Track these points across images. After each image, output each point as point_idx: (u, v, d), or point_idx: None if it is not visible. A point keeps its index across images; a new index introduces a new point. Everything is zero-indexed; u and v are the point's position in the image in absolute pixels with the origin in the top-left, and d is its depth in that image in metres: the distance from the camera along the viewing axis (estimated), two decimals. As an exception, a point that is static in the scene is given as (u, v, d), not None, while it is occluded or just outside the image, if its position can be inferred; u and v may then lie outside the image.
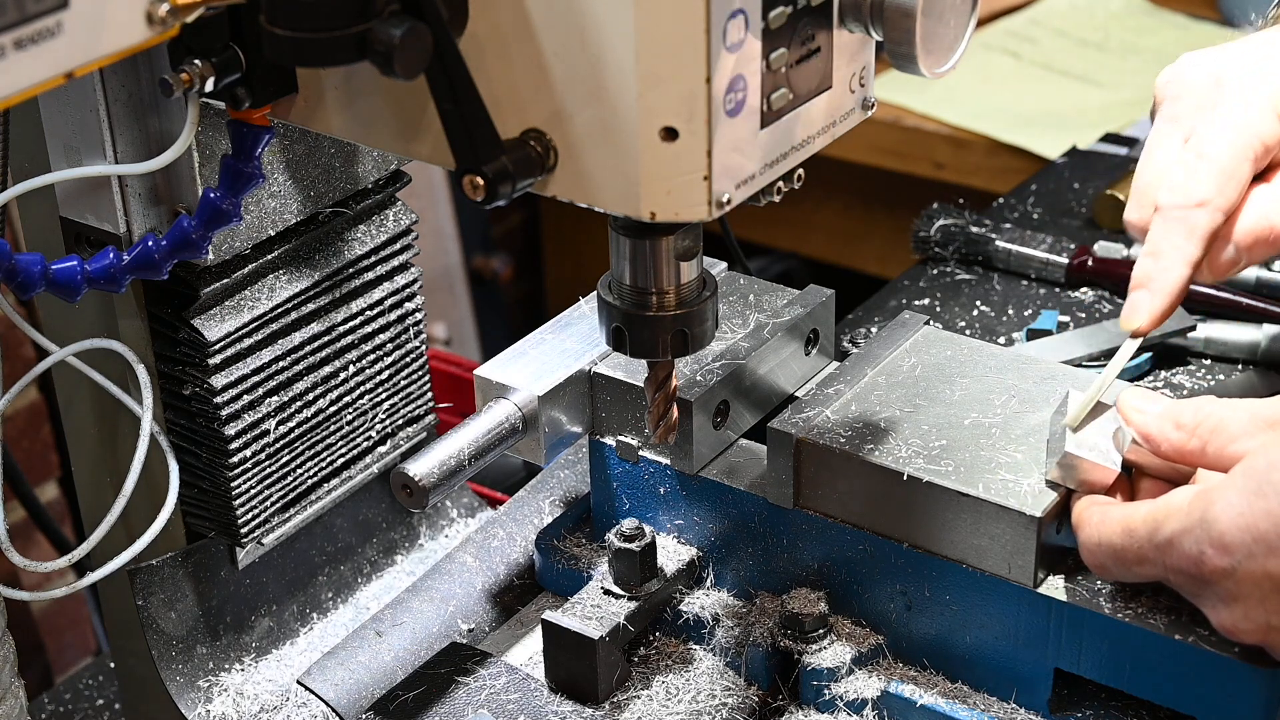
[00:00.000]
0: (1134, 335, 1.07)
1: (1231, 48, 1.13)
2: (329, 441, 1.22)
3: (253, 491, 1.17)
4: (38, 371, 1.10)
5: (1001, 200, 1.80)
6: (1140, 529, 0.98)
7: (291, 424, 1.19)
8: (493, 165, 0.91)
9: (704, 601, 1.17)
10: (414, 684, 1.14)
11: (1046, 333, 1.47)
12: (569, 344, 1.19)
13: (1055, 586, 1.05)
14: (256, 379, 1.15)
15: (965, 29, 0.98)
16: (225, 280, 1.12)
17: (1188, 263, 1.06)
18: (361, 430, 1.24)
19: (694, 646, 1.16)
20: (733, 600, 1.17)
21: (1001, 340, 1.52)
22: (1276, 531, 0.92)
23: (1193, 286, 1.46)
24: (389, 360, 1.25)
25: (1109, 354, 1.18)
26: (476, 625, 1.23)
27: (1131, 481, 1.05)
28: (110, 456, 1.17)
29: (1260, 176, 1.09)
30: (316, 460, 1.22)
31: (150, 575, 1.17)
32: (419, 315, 1.26)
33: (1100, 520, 1.01)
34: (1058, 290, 1.59)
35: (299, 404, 1.19)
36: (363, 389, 1.23)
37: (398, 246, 1.23)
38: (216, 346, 1.12)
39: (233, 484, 1.16)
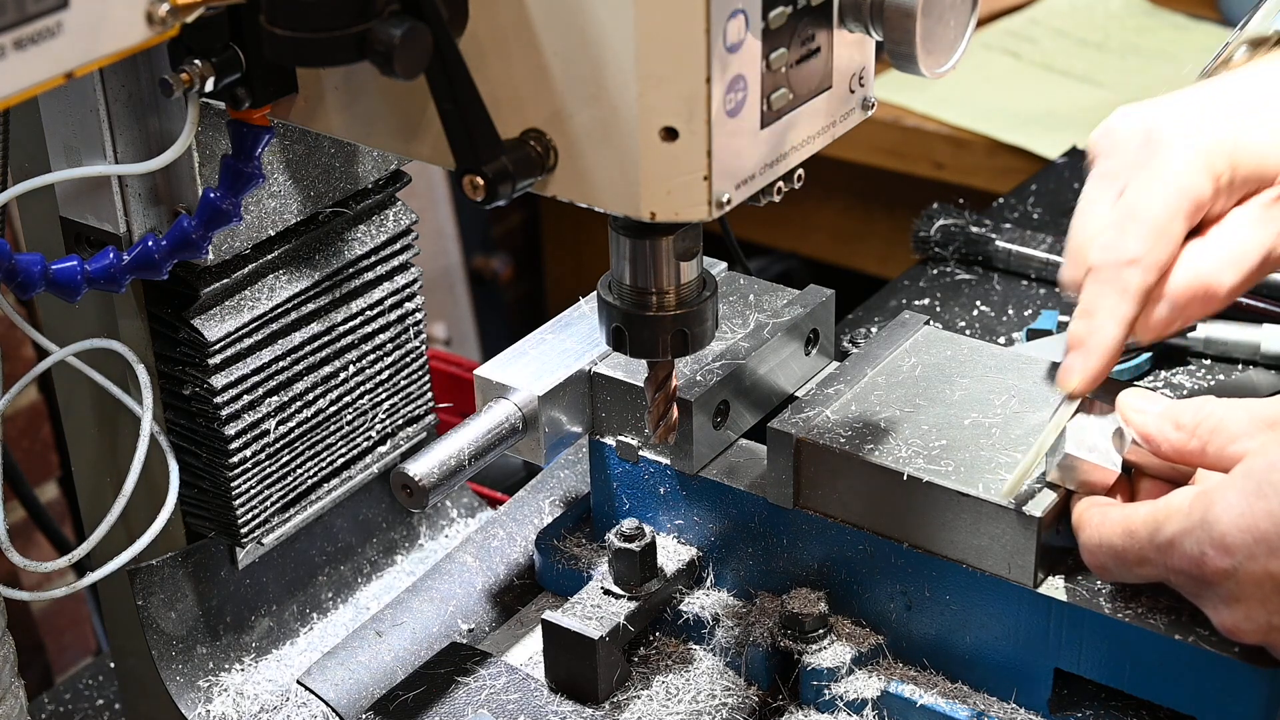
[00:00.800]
0: (1070, 397, 1.06)
1: (1166, 101, 1.11)
2: (329, 441, 1.22)
3: (253, 491, 1.17)
4: (38, 371, 1.10)
5: (1001, 200, 1.80)
6: (1140, 530, 0.98)
7: (291, 424, 1.19)
8: (493, 165, 0.91)
9: (704, 601, 1.17)
10: (414, 684, 1.14)
11: (1046, 333, 1.47)
12: (569, 344, 1.19)
13: (1055, 586, 1.05)
14: (256, 379, 1.15)
15: (965, 29, 0.98)
16: (225, 280, 1.12)
17: (1121, 322, 1.05)
18: (361, 430, 1.24)
19: (694, 646, 1.16)
20: (733, 600, 1.17)
21: (1001, 340, 1.52)
22: (1277, 531, 0.92)
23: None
24: (389, 360, 1.25)
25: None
26: (476, 625, 1.23)
27: (1131, 482, 1.05)
28: (110, 456, 1.17)
29: (1195, 232, 1.08)
30: (316, 460, 1.22)
31: (150, 575, 1.17)
32: (419, 315, 1.26)
33: (1100, 521, 1.01)
34: (1058, 290, 1.58)
35: (299, 404, 1.19)
36: (363, 389, 1.23)
37: (398, 246, 1.23)
38: (216, 346, 1.12)
39: (233, 484, 1.16)
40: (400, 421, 1.27)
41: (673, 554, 1.18)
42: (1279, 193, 1.08)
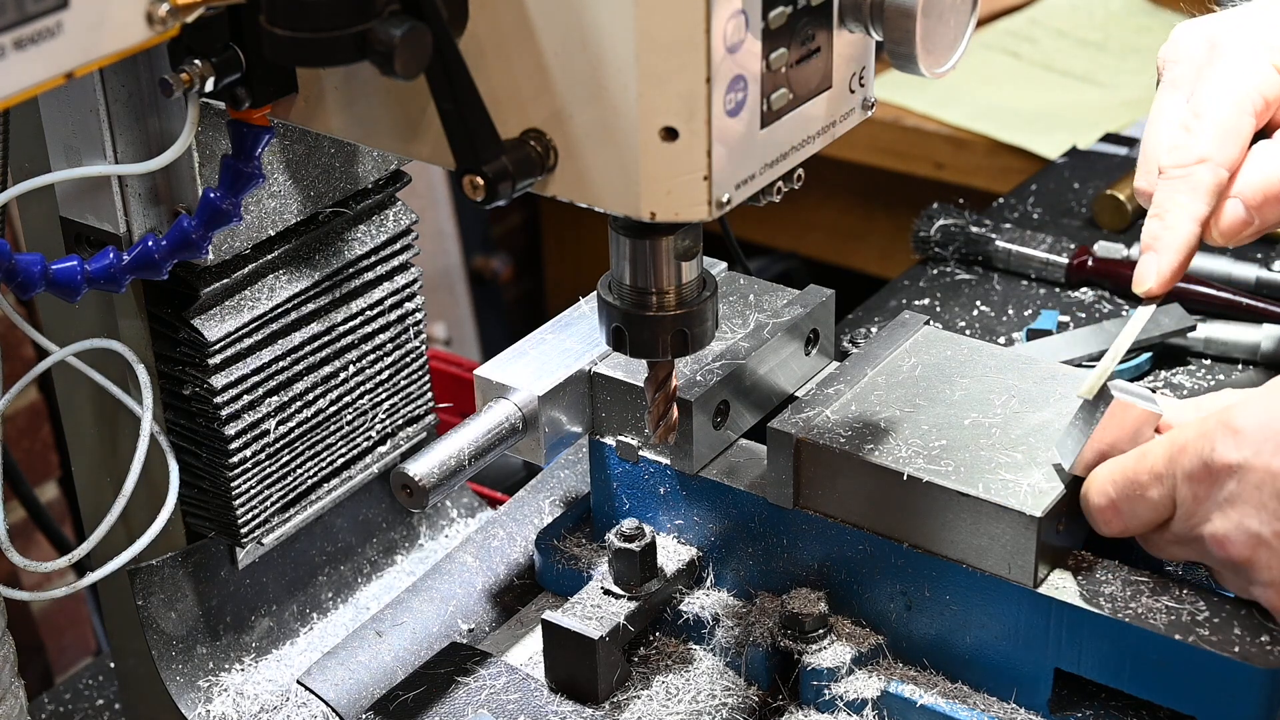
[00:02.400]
0: (1146, 299, 1.06)
1: (1226, 13, 1.12)
2: (329, 441, 1.22)
3: (253, 491, 1.17)
4: (38, 371, 1.10)
5: (1001, 200, 1.80)
6: (1154, 449, 0.99)
7: (291, 424, 1.19)
8: (493, 165, 0.91)
9: (704, 601, 1.17)
10: (414, 684, 1.14)
11: (1046, 333, 1.47)
12: (569, 344, 1.19)
13: (1055, 586, 1.05)
14: (256, 379, 1.15)
15: (965, 29, 0.99)
16: (225, 280, 1.12)
17: (1194, 219, 1.04)
18: (361, 430, 1.24)
19: (694, 646, 1.16)
20: (733, 600, 1.17)
21: (1001, 340, 1.52)
22: None
23: (1194, 286, 1.48)
24: (389, 360, 1.25)
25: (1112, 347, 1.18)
26: (476, 625, 1.23)
27: None
28: (110, 456, 1.17)
29: (1265, 134, 1.07)
30: (316, 460, 1.22)
31: (150, 575, 1.17)
32: (419, 315, 1.26)
33: (1111, 462, 1.02)
34: (1058, 290, 1.59)
35: (299, 404, 1.19)
36: (363, 389, 1.23)
37: (398, 246, 1.23)
38: (216, 346, 1.12)
39: (233, 484, 1.16)
40: (400, 421, 1.27)
41: (673, 554, 1.18)
42: None
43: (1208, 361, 1.45)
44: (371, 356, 1.23)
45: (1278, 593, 0.96)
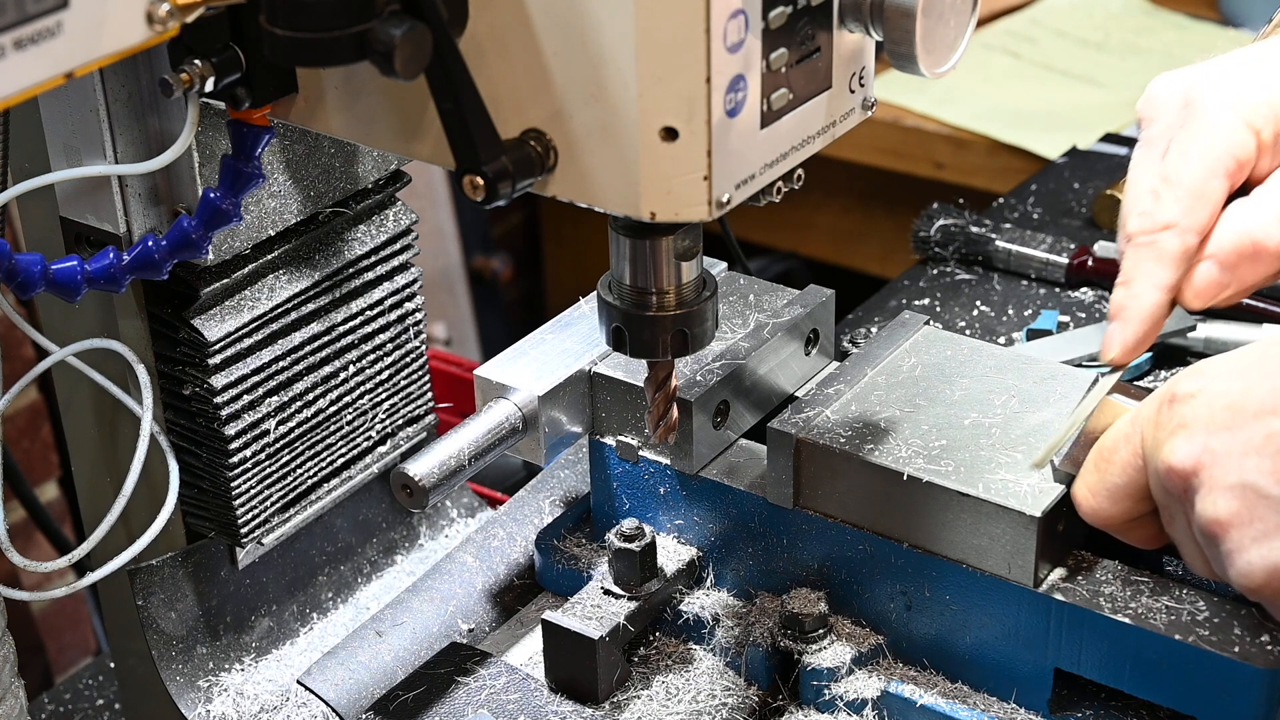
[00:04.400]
0: (1112, 368, 1.05)
1: (1205, 65, 1.09)
2: (329, 441, 1.22)
3: (253, 491, 1.17)
4: (38, 371, 1.10)
5: (1001, 200, 1.80)
6: (1121, 419, 1.00)
7: (291, 424, 1.19)
8: (493, 165, 0.91)
9: (704, 601, 1.17)
10: (414, 684, 1.14)
11: (1046, 333, 1.47)
12: (569, 344, 1.19)
13: (1055, 586, 1.05)
14: (256, 379, 1.15)
15: (965, 29, 0.98)
16: (225, 280, 1.12)
17: (1159, 288, 1.03)
18: (361, 430, 1.24)
19: (694, 646, 1.16)
20: (733, 600, 1.17)
21: (1001, 340, 1.52)
22: (1253, 365, 0.94)
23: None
24: (389, 360, 1.25)
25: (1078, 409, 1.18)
26: (476, 625, 1.23)
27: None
28: (110, 456, 1.17)
29: (1243, 194, 1.05)
30: (316, 460, 1.22)
31: (150, 575, 1.17)
32: (419, 315, 1.26)
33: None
34: (1058, 290, 1.59)
35: (299, 404, 1.19)
36: (363, 389, 1.23)
37: (398, 246, 1.23)
38: (216, 346, 1.12)
39: (233, 484, 1.16)
40: (400, 421, 1.27)
41: (673, 554, 1.18)
42: None
43: (1208, 361, 1.45)
44: (371, 356, 1.23)
45: (1213, 502, 0.94)
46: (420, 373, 1.28)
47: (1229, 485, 0.93)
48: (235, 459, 1.15)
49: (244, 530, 1.18)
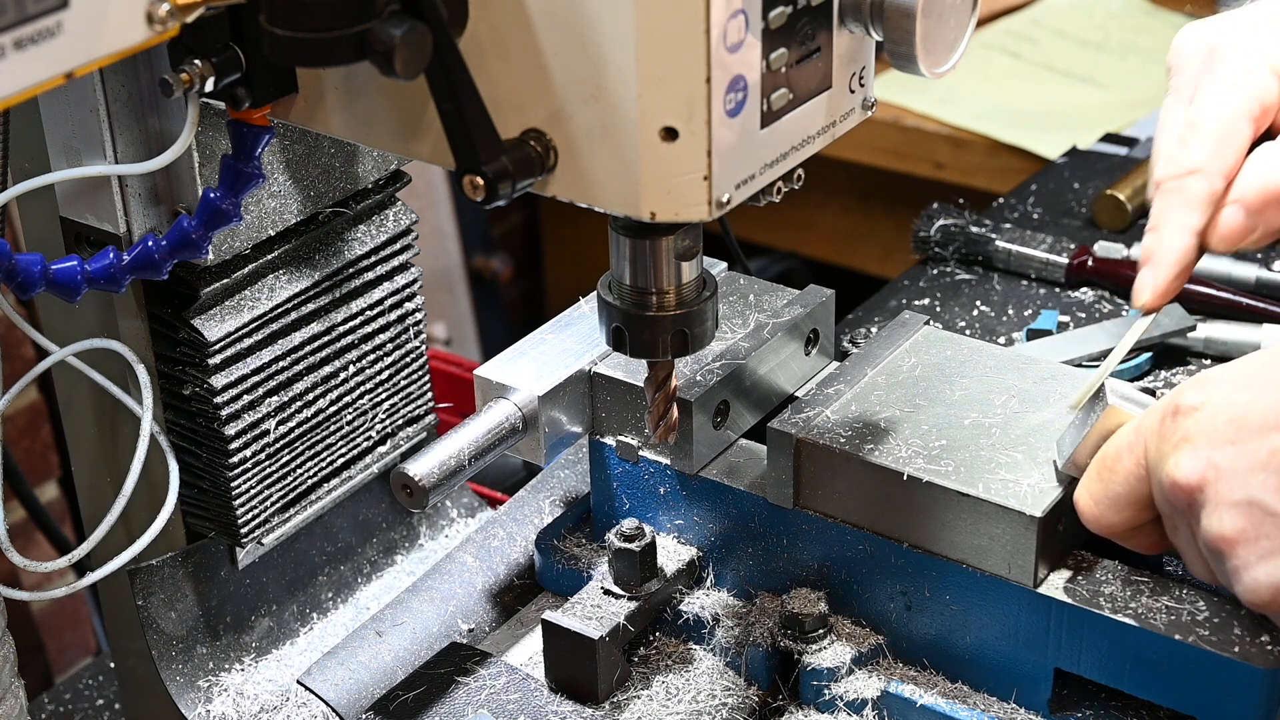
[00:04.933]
0: (1144, 312, 1.05)
1: (1229, 15, 1.10)
2: (329, 441, 1.22)
3: (253, 491, 1.17)
4: (38, 371, 1.10)
5: (1001, 200, 1.80)
6: (1124, 428, 1.00)
7: (291, 424, 1.19)
8: (493, 165, 0.91)
9: (704, 601, 1.17)
10: (414, 684, 1.14)
11: (1046, 333, 1.47)
12: (569, 344, 1.19)
13: (1055, 586, 1.05)
14: (256, 379, 1.15)
15: (965, 29, 0.98)
16: (225, 280, 1.12)
17: (1188, 231, 1.03)
18: (361, 430, 1.24)
19: (694, 646, 1.16)
20: (733, 600, 1.17)
21: (1001, 340, 1.52)
22: (1256, 373, 0.94)
23: (1194, 286, 1.47)
24: (389, 360, 1.25)
25: (1109, 354, 1.18)
26: (476, 625, 1.23)
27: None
28: (110, 456, 1.17)
29: (1269, 139, 1.05)
30: (316, 460, 1.22)
31: (150, 575, 1.17)
32: (419, 315, 1.26)
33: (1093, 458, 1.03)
34: (1058, 290, 1.59)
35: (299, 404, 1.19)
36: (363, 389, 1.23)
37: (398, 246, 1.23)
38: (216, 346, 1.12)
39: (233, 484, 1.16)
40: (400, 421, 1.27)
41: (673, 554, 1.18)
42: None
43: (1208, 361, 1.45)
44: (371, 356, 1.23)
45: (1219, 518, 0.93)
46: (420, 373, 1.28)
47: (1234, 502, 0.93)
48: (235, 459, 1.15)
49: (244, 530, 1.18)
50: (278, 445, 1.18)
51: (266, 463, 1.18)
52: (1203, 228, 1.04)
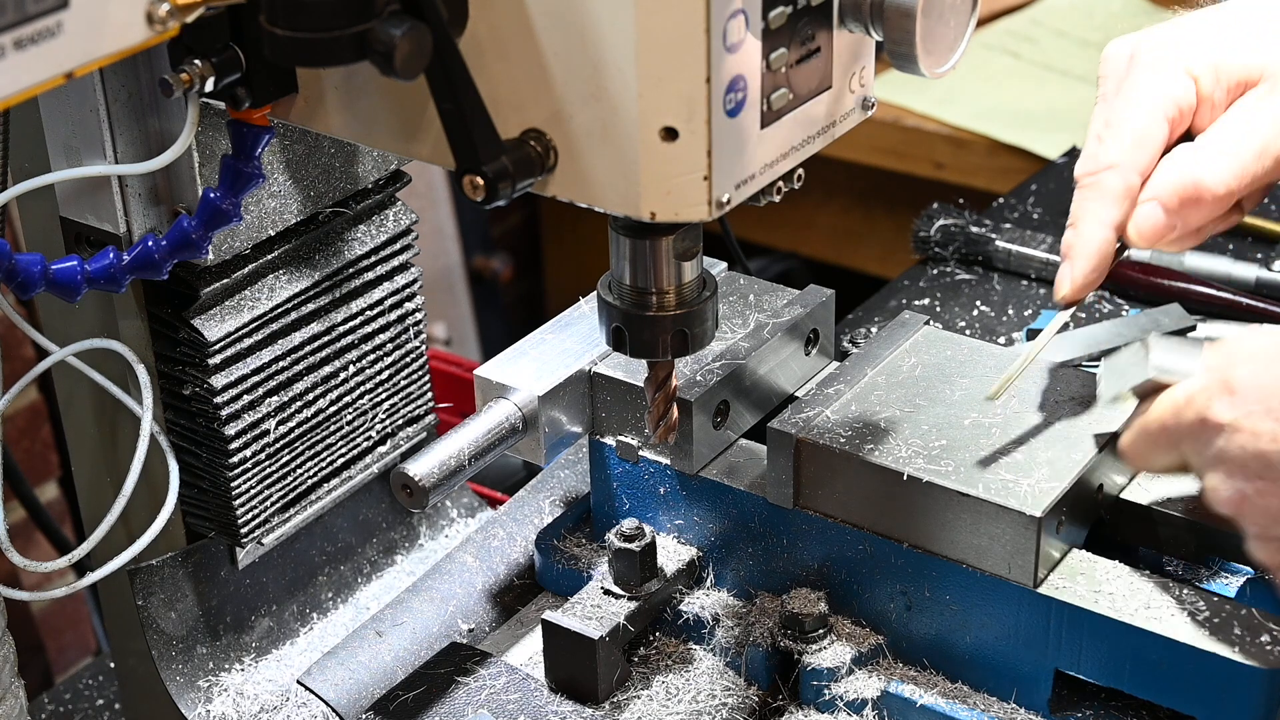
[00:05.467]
0: (1063, 306, 1.07)
1: (1153, 28, 1.13)
2: (329, 441, 1.22)
3: (253, 491, 1.17)
4: (38, 371, 1.10)
5: (1001, 200, 1.80)
6: (1166, 398, 1.00)
7: (291, 424, 1.19)
8: (493, 165, 0.91)
9: (704, 601, 1.17)
10: (414, 684, 1.14)
11: (1046, 333, 1.46)
12: (569, 344, 1.19)
13: (1055, 586, 1.05)
14: (256, 379, 1.15)
15: (965, 29, 0.99)
16: (225, 280, 1.12)
17: (1105, 225, 1.05)
18: (361, 430, 1.24)
19: (694, 646, 1.16)
20: (733, 600, 1.17)
21: (1001, 340, 1.52)
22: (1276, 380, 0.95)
23: (1194, 286, 1.47)
24: (389, 360, 1.25)
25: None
26: (476, 625, 1.23)
27: None
28: (110, 456, 1.17)
29: (1188, 139, 1.08)
30: (316, 460, 1.22)
31: (150, 575, 1.17)
32: (419, 315, 1.26)
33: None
34: (1058, 290, 1.58)
35: (299, 404, 1.19)
36: (363, 389, 1.23)
37: (398, 246, 1.23)
38: (216, 346, 1.12)
39: (233, 484, 1.16)
40: (400, 421, 1.27)
41: (673, 554, 1.18)
42: (1268, 87, 1.07)
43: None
44: (371, 356, 1.23)
45: (1262, 546, 0.98)
46: (420, 373, 1.28)
47: (1273, 535, 0.96)
48: (235, 459, 1.15)
49: (244, 530, 1.18)
50: (278, 445, 1.18)
51: (266, 463, 1.18)
52: (1120, 222, 1.06)
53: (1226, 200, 1.05)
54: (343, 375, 1.21)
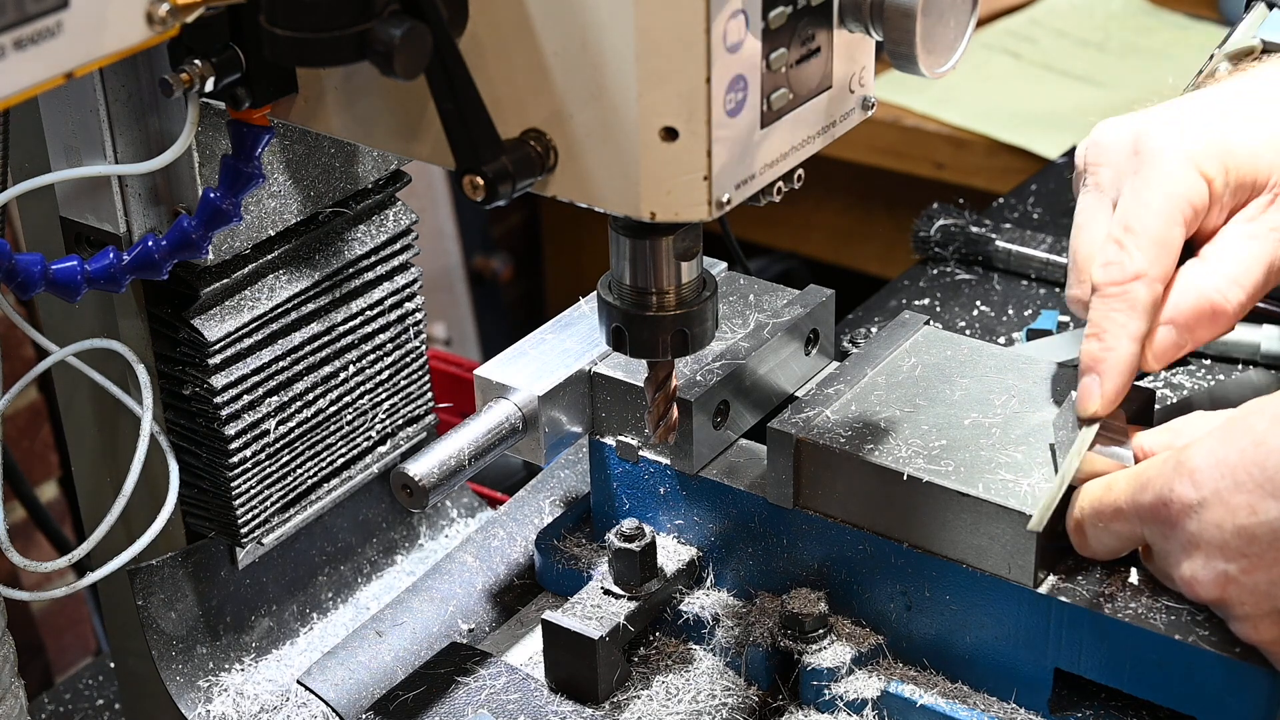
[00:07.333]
0: (1091, 421, 1.05)
1: (1148, 111, 1.10)
2: (329, 441, 1.22)
3: (253, 491, 1.17)
4: (38, 371, 1.10)
5: (1001, 200, 1.80)
6: (1120, 480, 1.00)
7: (291, 424, 1.19)
8: (493, 165, 0.91)
9: (704, 601, 1.17)
10: (414, 684, 1.14)
11: (1046, 333, 1.47)
12: (569, 344, 1.19)
13: (1055, 586, 1.05)
14: (256, 379, 1.15)
15: (965, 29, 0.98)
16: (225, 280, 1.12)
17: (1133, 338, 1.04)
18: (361, 430, 1.24)
19: (694, 646, 1.16)
20: (733, 600, 1.17)
21: (1001, 340, 1.52)
22: (1245, 467, 0.93)
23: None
24: (389, 360, 1.25)
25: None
26: (476, 625, 1.23)
27: None
28: (110, 456, 1.17)
29: (1191, 245, 1.07)
30: (316, 460, 1.22)
31: (150, 575, 1.17)
32: (419, 315, 1.26)
33: (1088, 486, 1.02)
34: (1058, 290, 1.59)
35: (299, 404, 1.19)
36: (363, 389, 1.23)
37: (398, 246, 1.23)
38: (216, 346, 1.12)
39: (233, 484, 1.16)
40: (400, 421, 1.27)
41: (673, 554, 1.18)
42: (1270, 198, 1.07)
43: (1208, 361, 1.45)
44: (371, 356, 1.23)
45: (1254, 627, 0.96)
46: (420, 373, 1.28)
47: (1265, 612, 0.95)
48: (235, 459, 1.15)
49: (244, 530, 1.18)
50: (278, 445, 1.18)
51: (266, 463, 1.18)
52: (1146, 334, 1.04)
53: (1237, 318, 1.05)
54: (343, 375, 1.21)
